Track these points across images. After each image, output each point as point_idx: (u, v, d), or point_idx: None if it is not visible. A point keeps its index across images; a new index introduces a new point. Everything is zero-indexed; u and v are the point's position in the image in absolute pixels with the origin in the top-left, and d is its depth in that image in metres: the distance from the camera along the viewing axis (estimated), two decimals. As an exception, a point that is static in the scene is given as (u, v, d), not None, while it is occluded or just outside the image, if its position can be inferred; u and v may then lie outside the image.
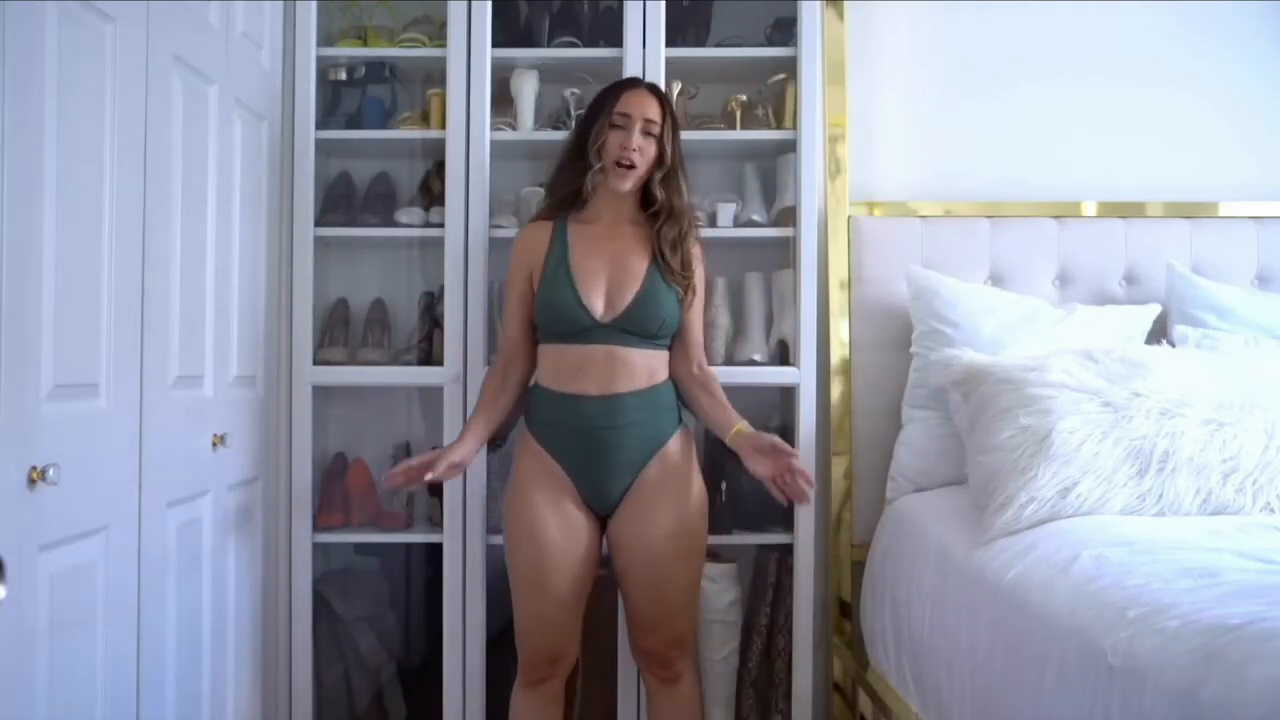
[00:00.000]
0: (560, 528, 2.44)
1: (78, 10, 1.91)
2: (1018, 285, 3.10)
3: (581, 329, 2.44)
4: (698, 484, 2.52)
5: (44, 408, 1.79)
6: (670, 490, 2.46)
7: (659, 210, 2.51)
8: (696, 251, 2.56)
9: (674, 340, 2.55)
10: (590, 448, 2.44)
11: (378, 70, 3.08)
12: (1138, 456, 2.33)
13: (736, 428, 2.46)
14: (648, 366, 2.48)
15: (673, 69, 2.94)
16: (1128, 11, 3.28)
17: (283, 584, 2.94)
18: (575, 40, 3.05)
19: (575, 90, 3.06)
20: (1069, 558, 2.02)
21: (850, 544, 3.10)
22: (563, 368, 2.46)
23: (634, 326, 2.45)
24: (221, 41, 2.56)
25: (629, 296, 2.45)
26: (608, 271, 2.47)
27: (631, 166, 2.47)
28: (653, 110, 2.50)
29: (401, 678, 3.14)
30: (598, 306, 2.44)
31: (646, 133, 2.48)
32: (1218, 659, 1.47)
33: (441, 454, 2.44)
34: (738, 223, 3.05)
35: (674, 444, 2.49)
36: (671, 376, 2.54)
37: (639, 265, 2.48)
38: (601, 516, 2.50)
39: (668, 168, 2.50)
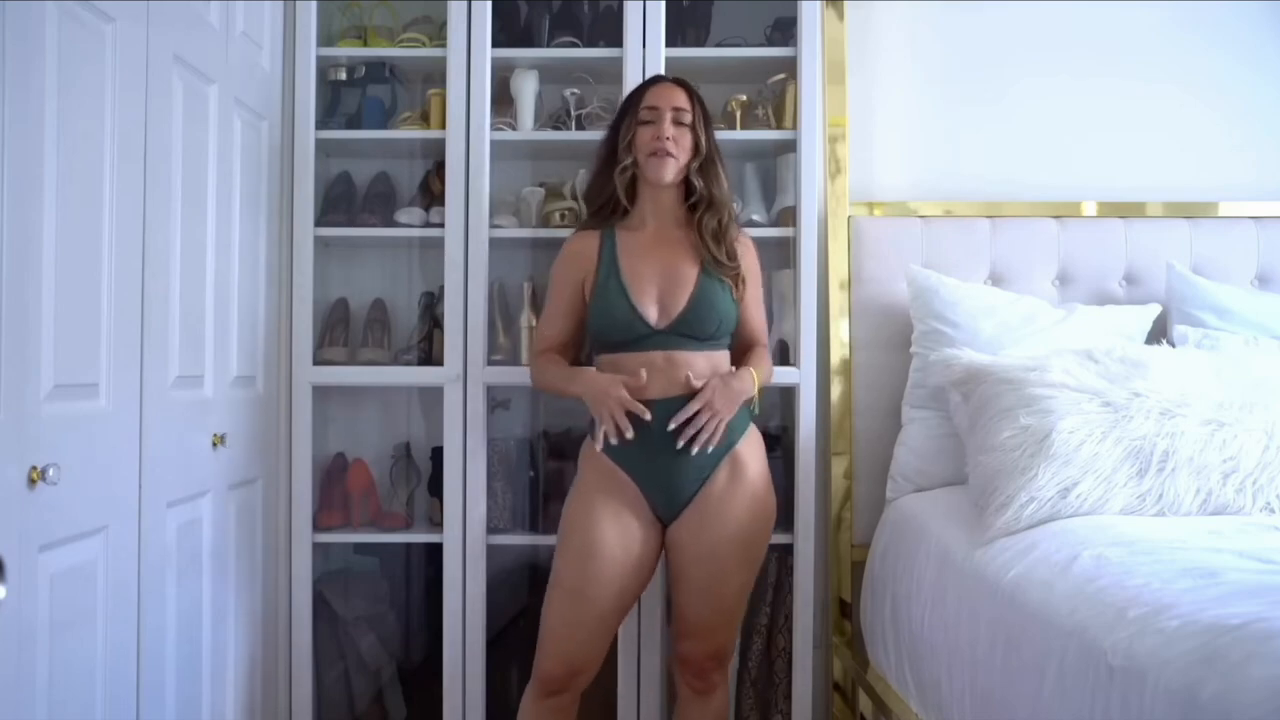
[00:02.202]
0: (618, 537, 2.40)
1: (78, 10, 1.91)
2: (1018, 285, 3.10)
3: (638, 337, 2.44)
4: (767, 489, 2.48)
5: (44, 408, 1.79)
6: (739, 495, 2.42)
7: (698, 201, 2.50)
8: (743, 240, 2.57)
9: (734, 335, 2.55)
10: (656, 452, 2.41)
11: (378, 70, 3.08)
12: (1138, 456, 2.33)
13: (746, 367, 2.48)
14: (710, 367, 2.46)
15: (673, 69, 2.94)
16: (1128, 11, 3.28)
17: (283, 584, 2.94)
18: (575, 40, 3.05)
19: (575, 90, 3.06)
20: (1069, 558, 2.02)
21: (850, 544, 3.10)
22: (622, 374, 2.43)
23: (691, 329, 2.44)
24: (221, 41, 2.56)
25: (683, 300, 2.44)
26: (659, 277, 2.47)
27: (668, 154, 2.45)
28: (680, 99, 2.50)
29: (401, 678, 3.14)
30: (652, 314, 2.44)
31: (678, 122, 2.48)
32: (1218, 659, 1.47)
33: (621, 396, 2.38)
34: (738, 223, 3.04)
35: (745, 447, 2.45)
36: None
37: (689, 268, 2.47)
38: (664, 523, 2.47)
39: (704, 156, 2.50)
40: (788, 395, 3.04)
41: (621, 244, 2.51)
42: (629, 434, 2.37)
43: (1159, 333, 2.97)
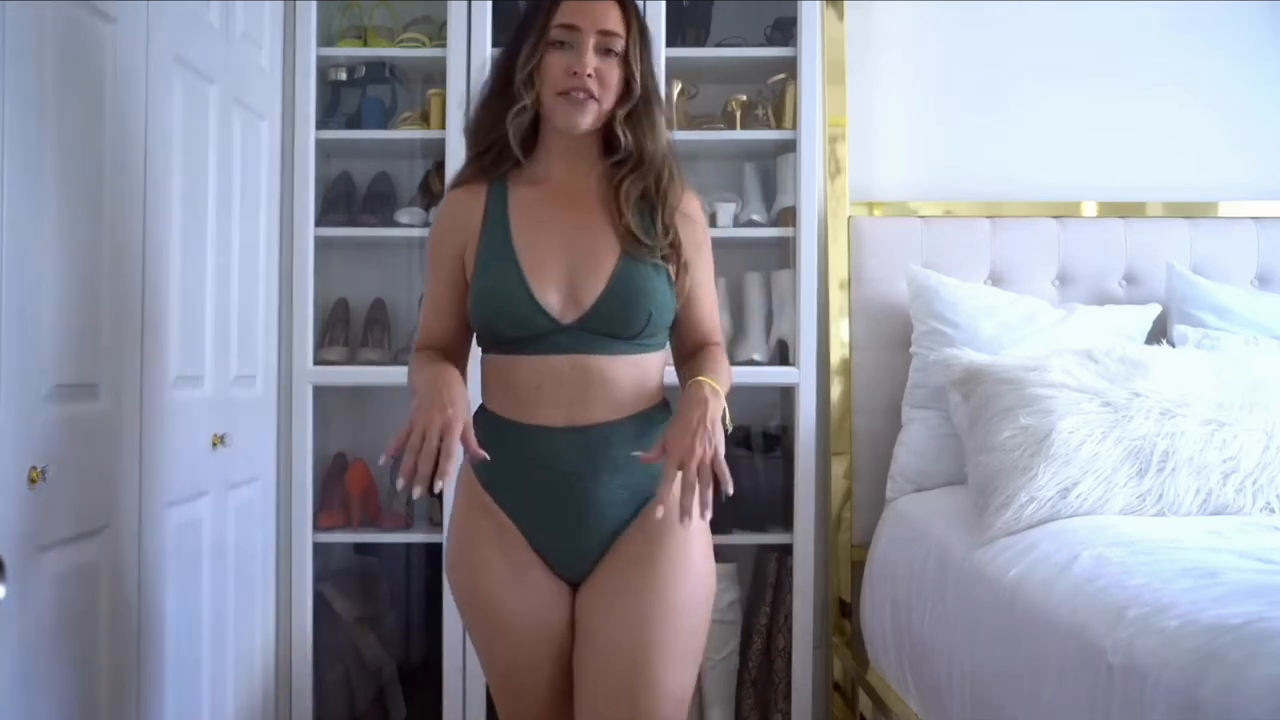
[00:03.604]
0: (529, 604, 1.80)
1: (78, 10, 1.91)
2: (1018, 285, 3.09)
3: (535, 335, 1.77)
4: (704, 554, 1.83)
5: (44, 408, 1.79)
6: (665, 560, 1.77)
7: (623, 160, 1.83)
8: (689, 209, 1.87)
9: (675, 332, 1.88)
10: (555, 500, 1.79)
11: (378, 70, 3.08)
12: (1138, 456, 2.33)
13: (699, 378, 1.76)
14: (636, 381, 1.81)
15: (673, 69, 2.94)
16: (1128, 11, 3.28)
17: (283, 584, 2.94)
18: (575, 40, 3.05)
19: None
20: (1069, 558, 2.02)
21: (850, 544, 3.10)
22: (514, 388, 1.80)
23: (610, 326, 1.78)
24: (221, 41, 2.55)
25: (599, 284, 1.78)
26: (567, 252, 1.80)
27: (588, 97, 1.76)
28: (612, 18, 1.78)
29: (401, 678, 3.14)
30: (554, 302, 1.78)
31: (606, 50, 1.78)
32: (1218, 659, 1.47)
33: (454, 427, 1.66)
34: (737, 223, 3.05)
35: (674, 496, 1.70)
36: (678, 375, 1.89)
37: (609, 240, 1.80)
38: (570, 582, 1.85)
39: (636, 98, 1.80)
40: (787, 395, 3.04)
41: (515, 203, 1.84)
42: (417, 490, 1.62)
43: (1159, 333, 2.97)
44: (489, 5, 2.94)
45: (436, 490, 1.61)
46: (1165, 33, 3.29)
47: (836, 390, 3.11)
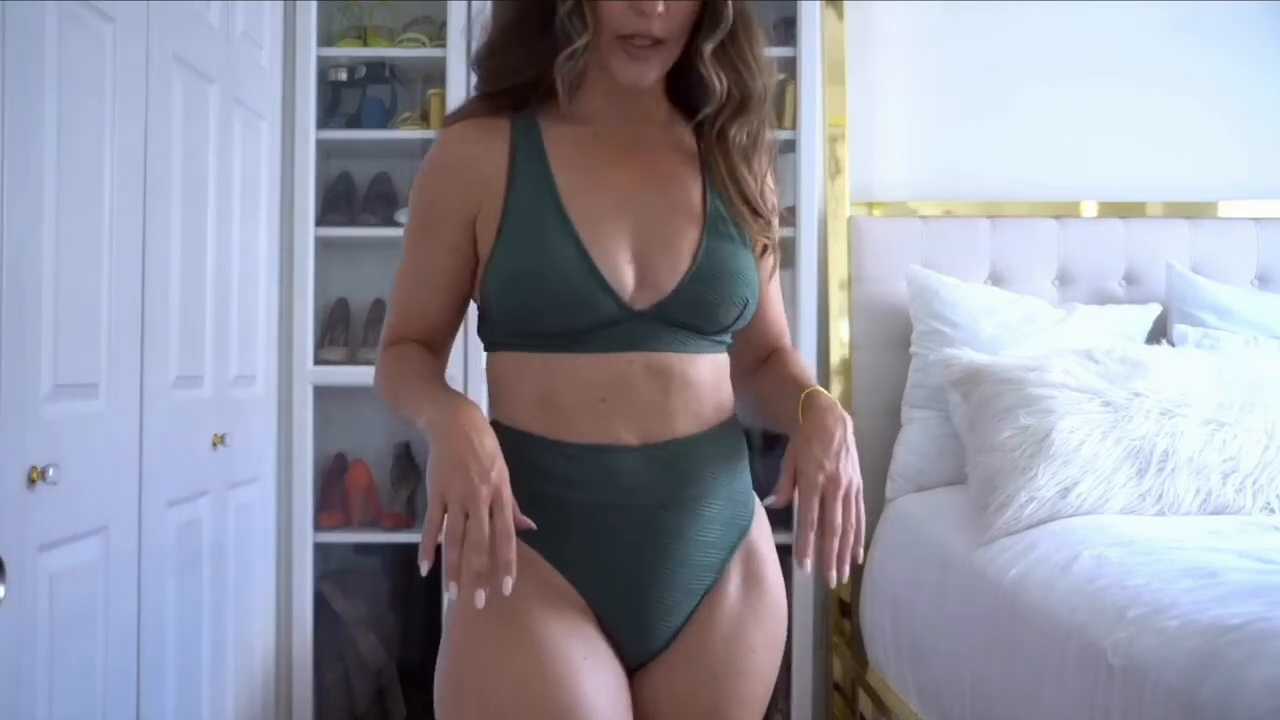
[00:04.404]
0: (602, 682, 1.31)
1: (78, 10, 1.91)
2: (1018, 285, 3.09)
3: (597, 325, 1.32)
4: (782, 600, 1.44)
5: (44, 408, 1.79)
6: (760, 617, 1.39)
7: (718, 102, 1.36)
8: (772, 184, 1.45)
9: (742, 333, 1.46)
10: (628, 546, 1.33)
11: (378, 70, 3.08)
12: (1138, 456, 2.33)
13: (816, 389, 1.38)
14: (717, 386, 1.40)
15: (673, 69, 2.94)
16: (1128, 11, 3.28)
17: (283, 584, 2.95)
18: (575, 40, 3.05)
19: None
20: (1069, 557, 2.02)
21: (850, 544, 3.09)
22: (560, 397, 1.33)
23: (696, 317, 1.35)
24: (221, 41, 2.55)
25: (680, 262, 1.35)
26: (633, 219, 1.36)
27: (656, 42, 1.32)
28: None
29: (401, 678, 3.14)
30: (628, 281, 1.33)
31: None
32: (1218, 659, 1.47)
33: (504, 496, 1.22)
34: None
35: (759, 530, 1.43)
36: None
37: (689, 206, 1.38)
38: (628, 664, 1.37)
39: (725, 28, 1.33)
40: (788, 395, 3.04)
41: (555, 148, 1.38)
42: (481, 597, 1.19)
43: (1159, 333, 2.97)
44: (489, 5, 2.93)
45: (507, 592, 1.19)
46: (1165, 33, 3.29)
47: (836, 390, 3.11)
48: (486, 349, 1.44)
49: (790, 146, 3.01)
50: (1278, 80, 3.31)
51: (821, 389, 1.38)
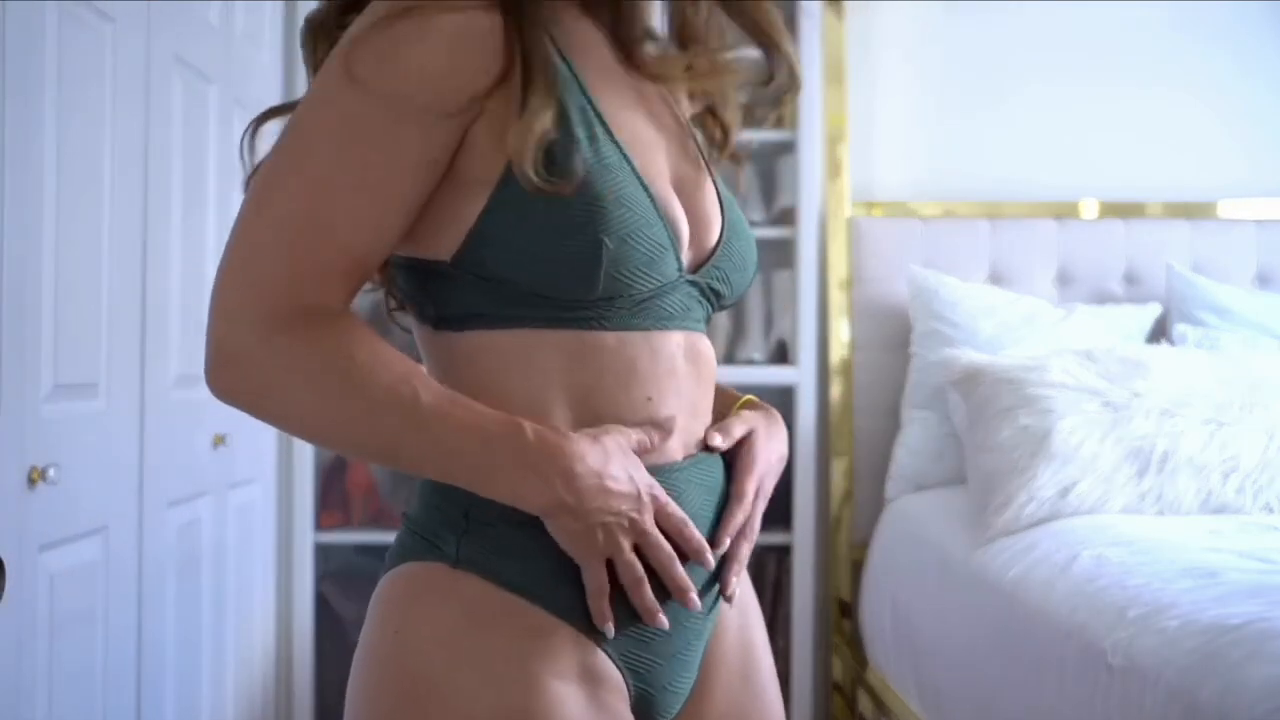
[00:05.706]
0: None
1: (78, 10, 1.91)
2: (1018, 285, 3.10)
3: (657, 290, 0.99)
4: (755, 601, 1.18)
5: (44, 408, 1.79)
6: (769, 670, 1.14)
7: (685, 38, 1.13)
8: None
9: None
10: (675, 609, 1.02)
11: (378, 70, 3.08)
12: (1138, 456, 2.33)
13: (745, 399, 1.15)
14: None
15: (673, 69, 2.94)
16: (1128, 11, 3.28)
17: (283, 584, 2.95)
18: (575, 40, 3.05)
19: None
20: (1069, 557, 2.02)
21: (850, 544, 3.10)
22: (604, 396, 0.99)
23: (729, 282, 1.07)
24: (221, 41, 2.55)
25: (715, 208, 1.07)
26: (666, 143, 1.05)
27: None
28: None
29: (401, 678, 3.14)
30: (684, 233, 1.02)
31: None
32: (1218, 659, 1.47)
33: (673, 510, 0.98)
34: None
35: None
36: None
37: (688, 141, 1.09)
38: None
39: None
40: (787, 395, 3.04)
41: (572, 44, 1.02)
42: (660, 619, 0.98)
43: (1159, 333, 2.97)
44: None
45: (731, 595, 1.04)
46: (1165, 33, 3.29)
47: (836, 390, 3.11)
48: (453, 326, 1.07)
49: (790, 147, 3.01)
50: (1278, 80, 3.31)
51: (759, 402, 1.16)
